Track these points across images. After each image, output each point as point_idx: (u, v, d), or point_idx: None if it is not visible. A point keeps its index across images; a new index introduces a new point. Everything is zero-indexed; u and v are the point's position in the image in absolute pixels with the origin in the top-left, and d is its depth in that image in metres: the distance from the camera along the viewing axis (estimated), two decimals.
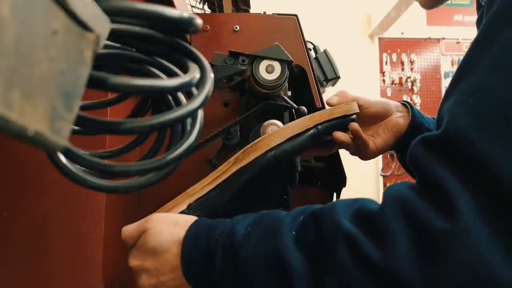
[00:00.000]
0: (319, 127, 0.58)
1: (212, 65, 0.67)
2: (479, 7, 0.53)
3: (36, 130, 0.16)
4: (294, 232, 0.39)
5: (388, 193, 0.37)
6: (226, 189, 0.53)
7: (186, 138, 0.32)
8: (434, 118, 0.67)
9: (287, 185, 0.61)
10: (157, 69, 0.34)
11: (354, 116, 0.60)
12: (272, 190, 0.61)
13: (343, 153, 0.73)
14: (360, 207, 0.38)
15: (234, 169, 0.54)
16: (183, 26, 0.29)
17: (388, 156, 2.81)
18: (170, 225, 0.46)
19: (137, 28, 0.30)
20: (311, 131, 0.57)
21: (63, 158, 0.29)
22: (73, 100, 0.19)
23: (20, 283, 0.51)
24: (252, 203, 0.48)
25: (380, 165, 2.84)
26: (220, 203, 0.53)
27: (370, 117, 0.64)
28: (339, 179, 0.72)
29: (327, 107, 0.62)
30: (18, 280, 0.51)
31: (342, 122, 0.60)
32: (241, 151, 0.56)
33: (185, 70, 0.31)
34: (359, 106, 0.61)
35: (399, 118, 0.64)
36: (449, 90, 0.39)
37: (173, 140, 0.37)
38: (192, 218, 0.47)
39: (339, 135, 0.59)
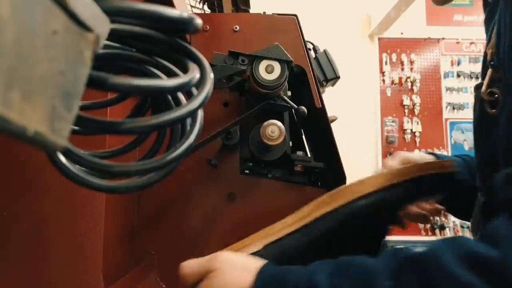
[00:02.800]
0: (423, 181, 0.50)
1: (212, 65, 0.67)
2: (486, 5, 0.52)
3: (36, 130, 0.16)
4: (390, 282, 0.35)
5: (500, 231, 0.34)
6: (306, 235, 0.47)
7: (186, 138, 0.32)
8: (447, 156, 0.66)
9: (380, 240, 0.52)
10: (157, 69, 0.34)
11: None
12: (359, 245, 0.52)
13: (343, 153, 0.73)
14: (469, 251, 0.34)
15: (318, 213, 0.48)
16: (183, 26, 0.29)
17: (388, 155, 2.81)
18: (237, 270, 0.42)
19: (137, 28, 0.30)
20: (411, 184, 0.49)
21: (63, 158, 0.29)
22: (73, 100, 0.19)
23: (20, 283, 0.51)
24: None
25: (380, 165, 2.84)
26: (294, 250, 0.47)
27: None
28: (339, 179, 0.72)
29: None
30: (18, 280, 0.51)
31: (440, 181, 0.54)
32: (326, 194, 0.50)
33: (185, 70, 0.31)
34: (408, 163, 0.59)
35: None
36: None
37: (173, 140, 0.37)
38: (261, 263, 0.43)
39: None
